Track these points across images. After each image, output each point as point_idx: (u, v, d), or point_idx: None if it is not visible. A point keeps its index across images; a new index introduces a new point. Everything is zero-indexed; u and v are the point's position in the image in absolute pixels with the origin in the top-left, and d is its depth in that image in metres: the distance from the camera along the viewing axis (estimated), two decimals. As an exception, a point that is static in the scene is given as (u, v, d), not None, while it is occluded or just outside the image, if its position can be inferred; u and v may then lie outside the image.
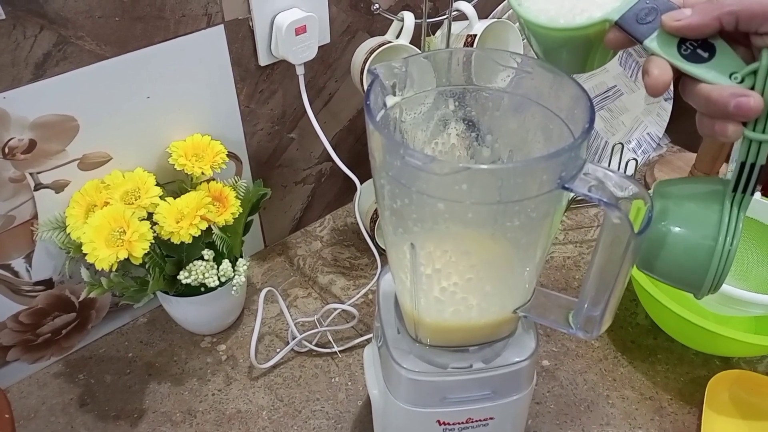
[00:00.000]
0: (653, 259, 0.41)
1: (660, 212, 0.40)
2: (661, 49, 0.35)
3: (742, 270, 0.72)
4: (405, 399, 0.49)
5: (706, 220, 0.38)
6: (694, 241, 0.39)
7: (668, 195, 0.41)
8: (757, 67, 0.33)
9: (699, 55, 0.34)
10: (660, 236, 0.40)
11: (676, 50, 0.35)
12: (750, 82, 0.33)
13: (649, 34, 0.35)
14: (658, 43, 0.35)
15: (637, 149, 0.96)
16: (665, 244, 0.40)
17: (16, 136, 0.55)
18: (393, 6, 0.78)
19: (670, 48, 0.35)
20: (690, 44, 0.34)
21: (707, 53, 0.34)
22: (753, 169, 0.36)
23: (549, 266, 0.83)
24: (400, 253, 0.43)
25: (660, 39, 0.35)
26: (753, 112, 0.33)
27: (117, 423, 0.64)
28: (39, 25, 0.52)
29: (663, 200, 0.41)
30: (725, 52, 0.34)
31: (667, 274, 0.41)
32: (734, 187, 0.37)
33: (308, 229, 0.89)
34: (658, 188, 0.43)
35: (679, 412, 0.65)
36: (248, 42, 0.67)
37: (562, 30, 0.38)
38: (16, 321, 0.64)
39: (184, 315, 0.71)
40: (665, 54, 0.35)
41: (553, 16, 0.38)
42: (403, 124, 0.46)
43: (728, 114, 0.33)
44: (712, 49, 0.34)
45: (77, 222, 0.59)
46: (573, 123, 0.40)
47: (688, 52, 0.34)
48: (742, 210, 0.38)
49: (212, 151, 0.65)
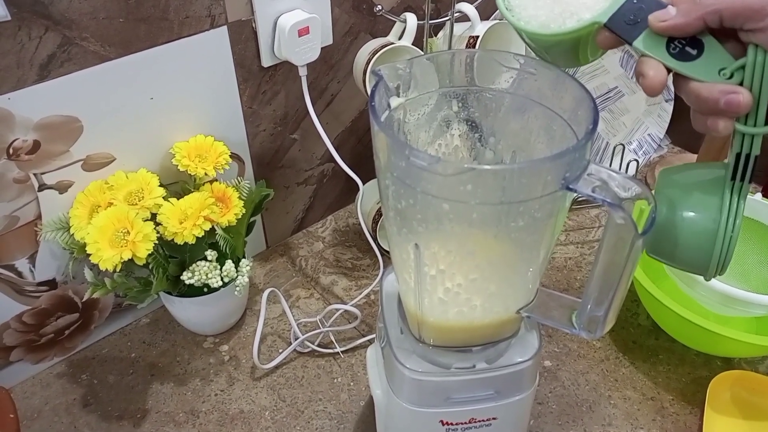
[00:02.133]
0: (661, 244, 0.42)
1: (666, 199, 0.41)
2: (651, 49, 0.35)
3: (743, 271, 0.72)
4: (408, 399, 0.50)
5: (709, 205, 0.39)
6: (698, 225, 0.40)
7: (673, 182, 0.42)
8: (745, 63, 0.33)
9: (688, 53, 0.35)
10: (667, 222, 0.41)
11: (665, 50, 0.35)
12: (739, 78, 0.34)
13: (638, 35, 0.36)
14: (647, 43, 0.35)
15: (638, 150, 0.96)
16: (672, 229, 0.41)
17: (20, 137, 0.55)
18: (395, 7, 0.78)
19: (659, 48, 0.35)
20: (678, 42, 0.35)
21: (696, 50, 0.34)
22: (748, 159, 0.37)
23: (550, 267, 0.83)
24: (404, 253, 0.44)
25: (649, 39, 0.35)
26: (743, 108, 0.33)
27: (120, 423, 0.64)
28: (44, 26, 0.52)
29: (668, 188, 0.42)
30: (713, 48, 0.34)
31: (675, 257, 0.42)
32: (732, 176, 0.38)
33: (310, 230, 0.90)
34: (663, 175, 0.44)
35: (680, 413, 0.65)
36: (251, 43, 0.67)
37: (553, 35, 0.38)
38: (19, 321, 0.64)
39: (187, 315, 0.71)
40: (655, 54, 0.35)
41: (544, 22, 0.38)
42: (407, 125, 0.46)
43: (719, 111, 0.34)
44: (700, 45, 0.34)
45: (81, 222, 0.59)
46: (576, 124, 0.40)
47: (677, 51, 0.35)
48: (742, 197, 0.39)
49: (215, 151, 0.66)
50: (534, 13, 0.39)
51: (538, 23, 0.38)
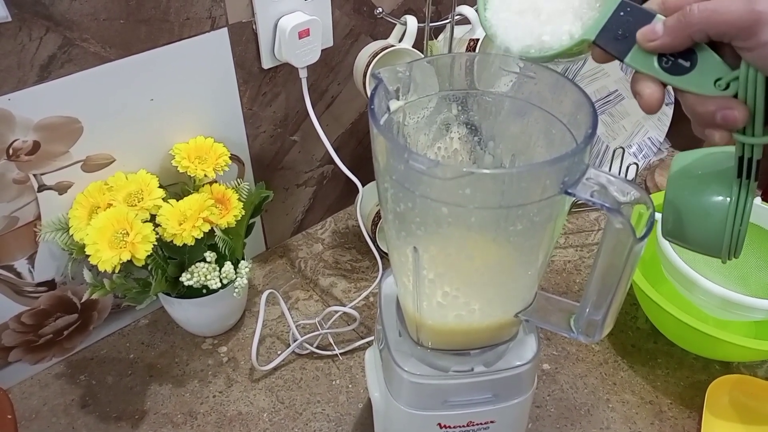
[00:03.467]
0: (675, 228, 0.42)
1: (680, 185, 0.42)
2: (642, 65, 0.35)
3: (743, 275, 0.72)
4: (406, 402, 0.50)
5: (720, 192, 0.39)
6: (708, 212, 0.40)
7: (687, 169, 0.43)
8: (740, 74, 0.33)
9: (680, 65, 0.34)
10: (681, 206, 0.41)
11: (656, 64, 0.34)
12: (735, 88, 0.33)
13: (628, 51, 0.35)
14: (638, 59, 0.35)
15: (638, 153, 0.96)
16: (685, 214, 0.41)
17: (20, 138, 0.55)
18: (396, 10, 0.78)
19: (650, 63, 0.34)
20: (670, 56, 0.34)
21: (689, 62, 0.33)
22: (751, 161, 0.37)
23: (550, 270, 0.83)
24: (402, 256, 0.44)
25: (639, 55, 0.35)
26: (739, 123, 0.33)
27: (118, 424, 0.64)
28: (44, 27, 0.52)
29: (682, 178, 0.42)
30: (707, 58, 0.33)
31: (689, 241, 0.42)
32: (738, 174, 0.38)
33: (310, 232, 0.90)
34: (677, 160, 0.44)
35: (679, 417, 0.65)
36: (251, 45, 0.67)
37: (539, 58, 0.38)
38: (18, 322, 0.64)
39: (186, 317, 0.71)
40: (646, 70, 0.35)
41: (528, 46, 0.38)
42: (406, 128, 0.46)
43: (715, 125, 0.34)
44: (693, 56, 0.33)
45: (80, 223, 0.59)
46: (575, 128, 0.40)
47: (669, 65, 0.34)
48: (750, 192, 0.39)
49: (215, 153, 0.66)
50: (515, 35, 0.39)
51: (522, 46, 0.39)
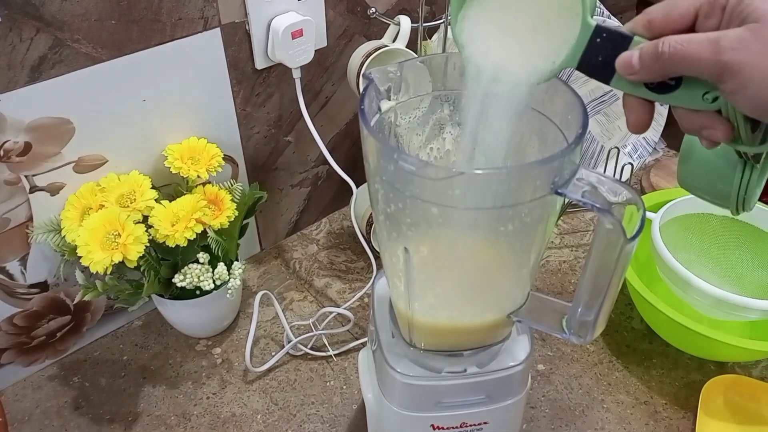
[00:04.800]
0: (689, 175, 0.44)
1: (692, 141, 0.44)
2: (627, 88, 0.34)
3: (738, 275, 0.72)
4: (399, 403, 0.49)
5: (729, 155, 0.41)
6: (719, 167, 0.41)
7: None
8: None
9: (667, 84, 0.33)
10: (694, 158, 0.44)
11: (642, 86, 0.34)
12: (722, 101, 0.33)
13: (611, 75, 0.34)
14: (623, 83, 0.34)
15: (633, 154, 0.96)
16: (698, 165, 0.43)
17: (11, 139, 0.55)
18: (389, 10, 0.78)
19: (636, 85, 0.34)
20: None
21: (674, 81, 0.33)
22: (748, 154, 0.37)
23: (545, 270, 0.83)
24: (394, 257, 0.43)
25: (623, 78, 0.34)
26: (722, 140, 0.34)
27: (111, 426, 0.64)
28: (35, 27, 0.52)
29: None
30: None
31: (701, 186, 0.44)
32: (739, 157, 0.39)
33: (304, 233, 0.89)
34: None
35: (673, 417, 0.65)
36: (245, 45, 0.67)
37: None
38: (10, 324, 0.64)
39: (179, 318, 0.71)
40: (633, 92, 0.35)
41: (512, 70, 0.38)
42: (398, 128, 0.46)
43: (702, 137, 0.35)
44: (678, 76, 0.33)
45: (72, 225, 0.59)
46: (567, 128, 0.40)
47: (655, 85, 0.34)
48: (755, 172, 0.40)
49: (208, 154, 0.65)
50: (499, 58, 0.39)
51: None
